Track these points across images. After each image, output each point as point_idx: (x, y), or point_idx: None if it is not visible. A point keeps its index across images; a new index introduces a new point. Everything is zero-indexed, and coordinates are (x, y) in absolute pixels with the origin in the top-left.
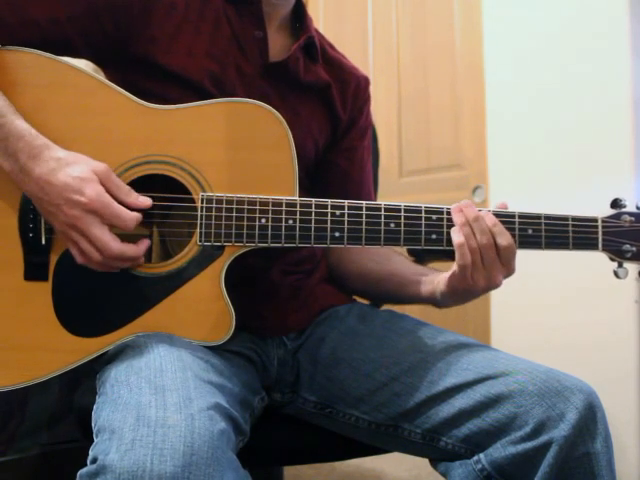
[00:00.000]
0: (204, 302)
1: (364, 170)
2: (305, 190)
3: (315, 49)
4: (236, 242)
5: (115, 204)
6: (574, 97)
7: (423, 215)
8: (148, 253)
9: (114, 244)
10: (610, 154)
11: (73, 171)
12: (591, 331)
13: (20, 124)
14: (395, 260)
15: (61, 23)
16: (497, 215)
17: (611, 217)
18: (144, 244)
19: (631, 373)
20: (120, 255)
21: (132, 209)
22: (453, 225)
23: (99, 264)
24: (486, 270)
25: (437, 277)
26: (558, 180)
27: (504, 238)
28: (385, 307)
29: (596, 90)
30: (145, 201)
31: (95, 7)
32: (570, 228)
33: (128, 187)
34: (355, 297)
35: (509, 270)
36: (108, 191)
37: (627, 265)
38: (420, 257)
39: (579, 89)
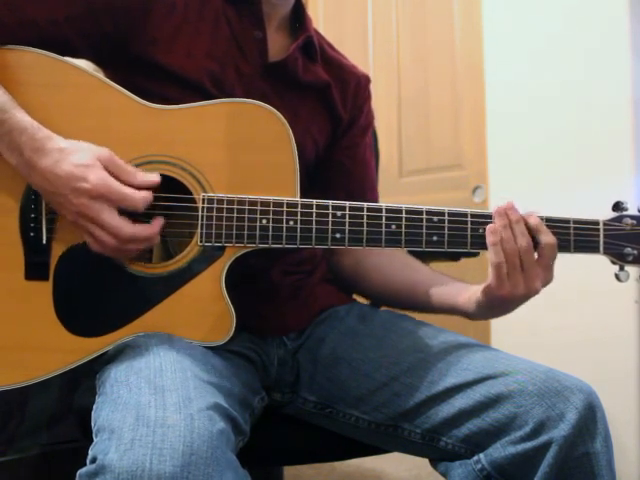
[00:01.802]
0: (204, 303)
1: (367, 166)
2: (305, 191)
3: (314, 49)
4: (237, 243)
5: (120, 186)
6: (574, 97)
7: (424, 217)
8: (148, 253)
9: (125, 227)
10: (610, 154)
11: (76, 159)
12: (591, 331)
13: (22, 117)
14: (419, 269)
15: (60, 24)
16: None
17: (612, 220)
18: (158, 223)
19: (631, 373)
20: (133, 237)
21: (140, 189)
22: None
23: (114, 250)
24: (525, 274)
25: (470, 288)
26: (558, 180)
27: (548, 237)
28: (385, 307)
29: (596, 90)
30: (152, 177)
31: (94, 8)
32: (571, 231)
33: (133, 168)
34: (355, 297)
35: (547, 276)
36: (112, 174)
37: (628, 268)
38: (420, 258)
39: (579, 89)
